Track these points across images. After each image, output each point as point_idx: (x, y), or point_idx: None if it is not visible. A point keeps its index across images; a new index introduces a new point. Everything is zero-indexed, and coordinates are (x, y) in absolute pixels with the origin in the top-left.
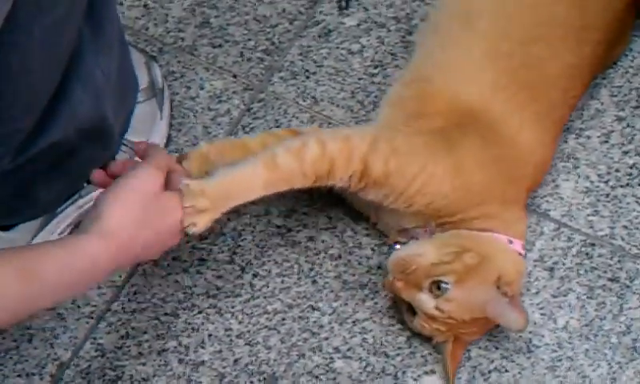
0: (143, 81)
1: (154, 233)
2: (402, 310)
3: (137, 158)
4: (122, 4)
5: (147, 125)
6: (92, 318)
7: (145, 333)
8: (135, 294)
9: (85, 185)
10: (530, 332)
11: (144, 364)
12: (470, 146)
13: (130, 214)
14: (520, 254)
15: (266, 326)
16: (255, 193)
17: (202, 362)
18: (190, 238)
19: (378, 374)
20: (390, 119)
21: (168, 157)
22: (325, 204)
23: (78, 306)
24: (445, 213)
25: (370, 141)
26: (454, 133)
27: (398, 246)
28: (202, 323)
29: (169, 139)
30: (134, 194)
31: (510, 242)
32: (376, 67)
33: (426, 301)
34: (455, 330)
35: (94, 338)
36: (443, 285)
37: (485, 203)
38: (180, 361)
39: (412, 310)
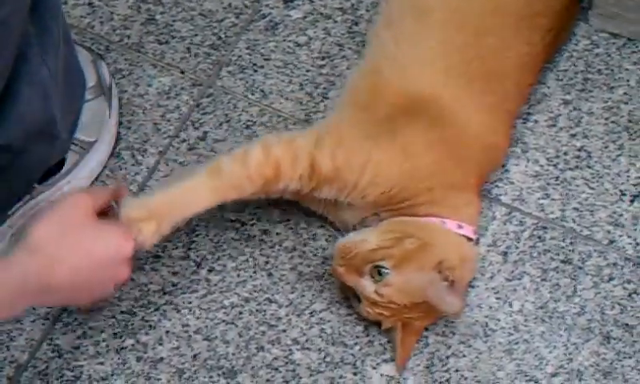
0: (91, 79)
1: (86, 257)
2: (348, 297)
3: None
4: (66, 3)
5: (96, 123)
6: (48, 319)
7: (102, 332)
8: None
9: (35, 186)
10: (486, 316)
11: (102, 363)
12: (416, 129)
13: (52, 231)
14: (470, 238)
15: (224, 321)
16: (202, 203)
17: (161, 359)
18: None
19: (337, 364)
20: (341, 113)
21: (108, 188)
22: (278, 197)
23: (34, 308)
24: (396, 200)
25: (314, 139)
26: (399, 118)
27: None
28: (159, 320)
29: (118, 137)
30: (55, 214)
31: (460, 226)
32: (323, 59)
33: (366, 286)
34: (399, 315)
35: (51, 339)
36: (383, 270)
37: (433, 189)
38: (138, 358)
39: (357, 297)
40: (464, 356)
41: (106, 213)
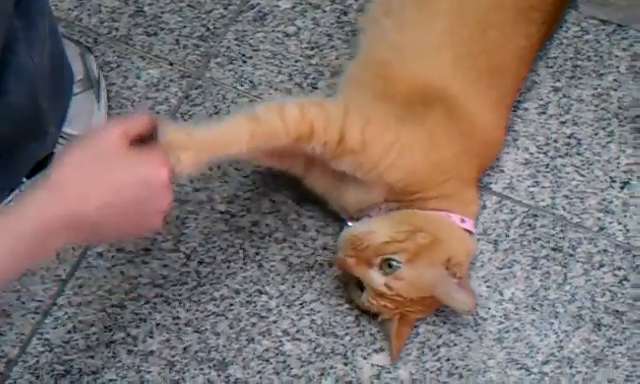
0: (79, 72)
1: (113, 191)
2: (349, 287)
3: None
4: None
5: (85, 116)
6: (38, 313)
7: (92, 325)
8: (80, 287)
9: (24, 180)
10: (477, 305)
11: (92, 357)
12: (437, 119)
13: (77, 166)
14: (471, 232)
15: (214, 313)
16: (239, 144)
17: (151, 352)
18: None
19: (328, 355)
20: (355, 99)
21: (141, 116)
22: (267, 188)
23: (23, 302)
24: (409, 190)
25: (343, 110)
26: (420, 107)
27: (350, 224)
28: (150, 313)
29: None
30: (82, 147)
31: (463, 220)
32: (312, 49)
33: (376, 278)
34: (402, 308)
35: (41, 334)
36: (394, 263)
37: (447, 182)
38: (129, 352)
39: (360, 287)
40: (455, 345)
41: (140, 142)
